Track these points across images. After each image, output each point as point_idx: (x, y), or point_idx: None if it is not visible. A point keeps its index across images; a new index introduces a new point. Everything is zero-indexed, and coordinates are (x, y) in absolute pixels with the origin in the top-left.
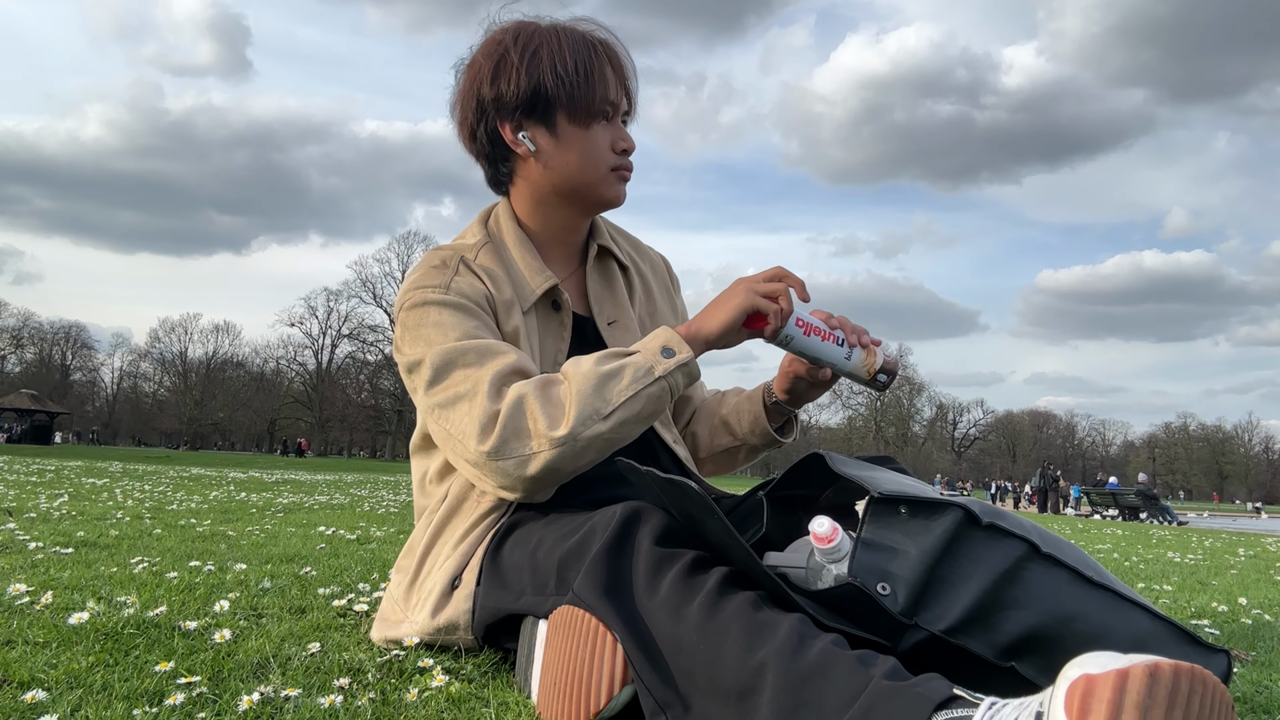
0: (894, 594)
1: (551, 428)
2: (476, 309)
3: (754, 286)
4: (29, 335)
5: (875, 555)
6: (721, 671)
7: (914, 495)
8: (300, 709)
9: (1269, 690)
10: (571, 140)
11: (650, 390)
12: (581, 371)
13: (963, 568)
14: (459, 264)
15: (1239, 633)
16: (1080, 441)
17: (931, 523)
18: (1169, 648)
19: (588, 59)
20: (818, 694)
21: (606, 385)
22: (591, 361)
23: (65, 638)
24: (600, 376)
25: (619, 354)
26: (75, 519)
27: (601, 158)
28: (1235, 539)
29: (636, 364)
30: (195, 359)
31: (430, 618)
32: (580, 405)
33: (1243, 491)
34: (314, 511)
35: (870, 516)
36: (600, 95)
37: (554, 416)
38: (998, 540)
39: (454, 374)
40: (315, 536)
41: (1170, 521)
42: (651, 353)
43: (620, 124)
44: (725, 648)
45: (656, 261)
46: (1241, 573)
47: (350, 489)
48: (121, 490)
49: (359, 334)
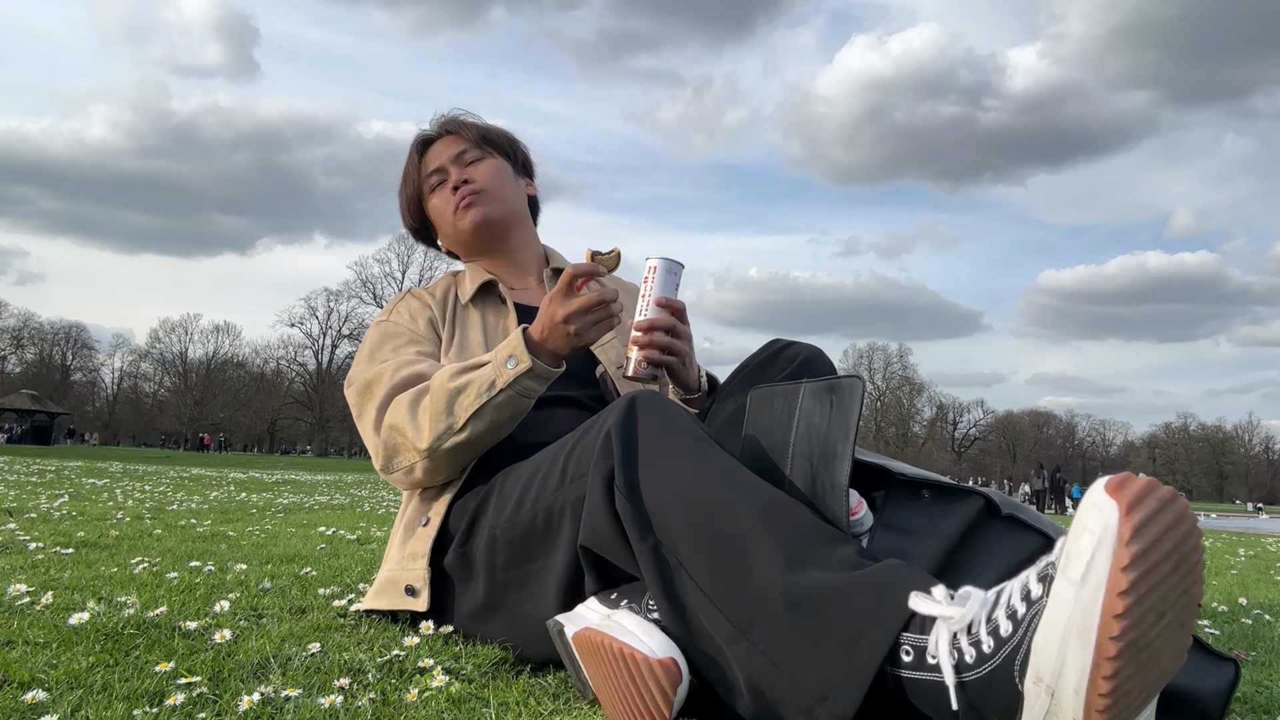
0: None
1: (418, 442)
2: (402, 329)
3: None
4: (29, 335)
5: (895, 538)
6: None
7: (937, 480)
8: (300, 709)
9: (1269, 690)
10: (432, 218)
11: (497, 400)
12: (435, 385)
13: (980, 556)
14: (405, 297)
15: (1239, 633)
16: (1080, 442)
17: (953, 508)
18: None
19: (406, 168)
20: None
21: (455, 401)
22: (446, 375)
23: (65, 638)
24: (449, 394)
25: (471, 366)
26: (75, 519)
27: (446, 219)
28: (1235, 539)
29: (480, 379)
30: (195, 359)
31: (400, 547)
32: (434, 423)
33: (1243, 491)
34: (314, 512)
35: (891, 499)
36: (420, 180)
37: (419, 432)
38: (1015, 532)
39: (361, 404)
40: (315, 537)
41: None
42: (498, 363)
43: (459, 165)
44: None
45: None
46: (1241, 573)
47: (350, 489)
48: (122, 490)
49: (359, 334)
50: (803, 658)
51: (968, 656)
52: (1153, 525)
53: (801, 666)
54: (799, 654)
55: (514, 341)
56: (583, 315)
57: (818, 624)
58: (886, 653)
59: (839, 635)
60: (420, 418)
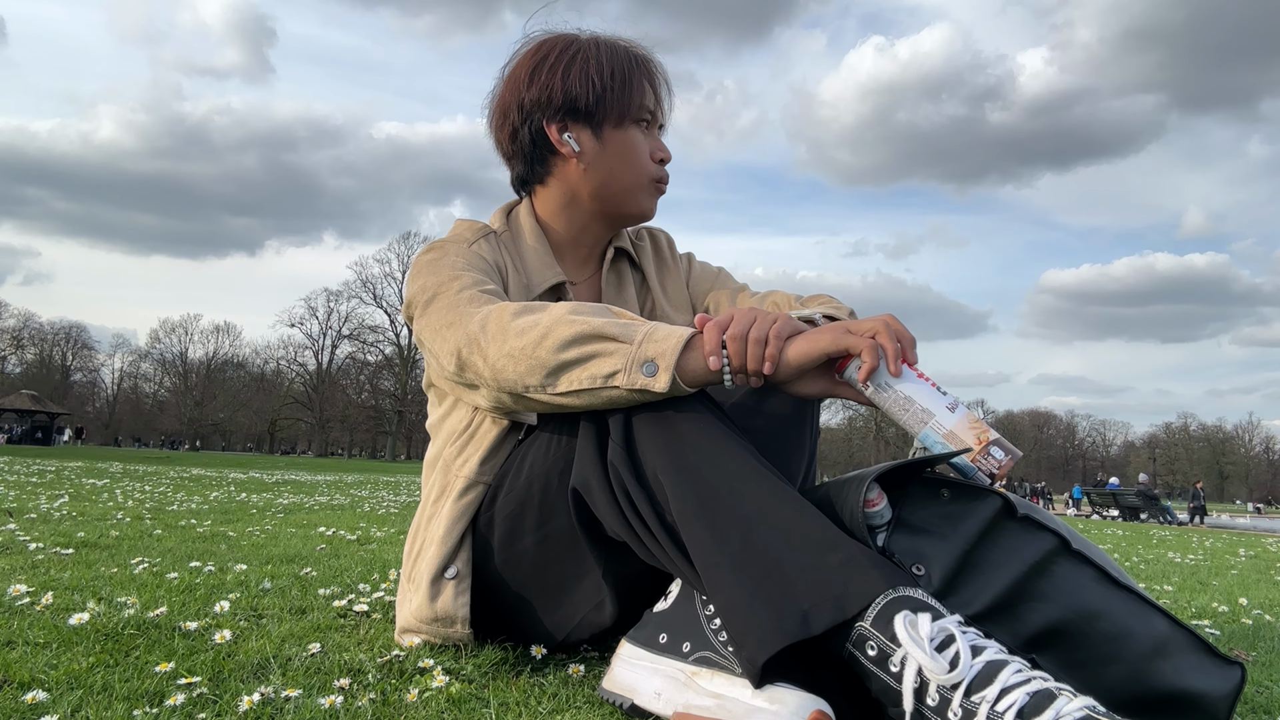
0: (928, 575)
1: (496, 375)
2: (492, 268)
3: (847, 327)
4: (29, 336)
5: (913, 536)
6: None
7: (956, 479)
8: (300, 709)
9: (1269, 690)
10: (615, 144)
11: (607, 395)
12: (551, 337)
13: (996, 556)
14: (484, 232)
15: (1239, 633)
16: (1080, 442)
17: (972, 508)
18: (1186, 654)
19: (626, 68)
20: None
21: (561, 371)
22: (566, 334)
23: (66, 638)
24: (559, 362)
25: (600, 336)
26: (76, 519)
27: (643, 163)
28: (1235, 539)
29: (598, 368)
30: (195, 360)
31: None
32: (528, 372)
33: (1243, 491)
34: (314, 512)
35: (910, 498)
36: (638, 103)
37: (504, 364)
38: (1031, 533)
39: (441, 300)
40: (315, 537)
41: (1171, 521)
42: (633, 359)
43: (656, 134)
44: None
45: (663, 249)
46: (1242, 573)
47: (350, 489)
48: (122, 491)
49: (359, 334)
50: (753, 606)
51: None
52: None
53: (751, 613)
54: (748, 601)
55: (666, 346)
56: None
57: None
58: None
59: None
60: (515, 350)
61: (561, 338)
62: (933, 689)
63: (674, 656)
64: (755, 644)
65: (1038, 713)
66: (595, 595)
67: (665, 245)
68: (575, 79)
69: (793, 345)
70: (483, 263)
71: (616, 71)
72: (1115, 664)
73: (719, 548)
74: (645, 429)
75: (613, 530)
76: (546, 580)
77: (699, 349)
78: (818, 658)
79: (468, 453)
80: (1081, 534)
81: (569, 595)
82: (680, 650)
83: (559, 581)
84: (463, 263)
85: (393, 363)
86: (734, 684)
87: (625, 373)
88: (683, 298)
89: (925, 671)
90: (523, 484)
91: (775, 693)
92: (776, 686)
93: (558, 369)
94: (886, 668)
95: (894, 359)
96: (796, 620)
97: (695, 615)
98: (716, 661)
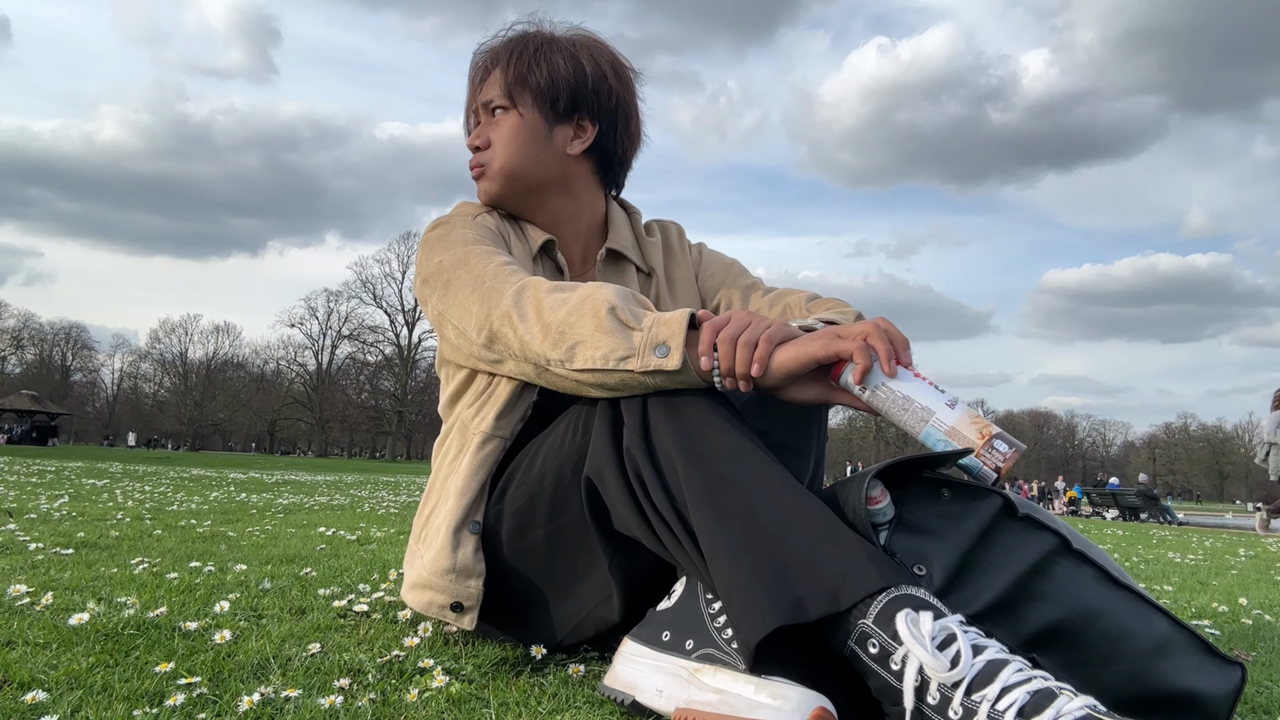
0: (929, 575)
1: (525, 347)
2: (498, 236)
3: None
4: (29, 336)
5: (913, 537)
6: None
7: (957, 479)
8: (300, 710)
9: (1269, 690)
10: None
11: (619, 378)
12: (577, 314)
13: (996, 556)
14: (486, 209)
15: (1239, 633)
16: (1080, 442)
17: (972, 508)
18: (1186, 654)
19: (470, 69)
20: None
21: (576, 348)
22: (594, 316)
23: (65, 638)
24: (578, 338)
25: (618, 317)
26: (75, 520)
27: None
28: (1235, 539)
29: (611, 348)
30: (195, 360)
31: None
32: (552, 346)
33: (1243, 491)
34: (314, 512)
35: (911, 498)
36: (470, 101)
37: (532, 336)
38: (1031, 532)
39: (464, 274)
40: (315, 537)
41: (1171, 521)
42: (646, 342)
43: (486, 122)
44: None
45: (673, 240)
46: (1242, 573)
47: (350, 490)
48: (122, 491)
49: (359, 334)
50: (751, 589)
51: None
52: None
53: (747, 596)
54: (746, 582)
55: (674, 326)
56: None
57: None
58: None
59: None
60: (547, 315)
61: (585, 314)
62: (934, 687)
63: (677, 654)
64: (750, 626)
65: (1038, 711)
66: (603, 590)
67: (675, 236)
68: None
69: (783, 350)
70: (489, 233)
71: (469, 74)
72: (1116, 664)
73: (723, 531)
74: (661, 417)
75: (622, 523)
76: (555, 574)
77: (697, 345)
78: (819, 656)
79: (485, 410)
80: (1081, 534)
81: (577, 589)
82: (683, 647)
83: (568, 575)
84: (473, 234)
85: (392, 363)
86: (737, 680)
87: (638, 356)
88: (691, 291)
89: (926, 670)
90: (534, 477)
91: (778, 688)
92: (779, 682)
93: (575, 345)
94: (887, 665)
95: (887, 359)
96: (790, 605)
97: (699, 613)
98: (719, 658)
